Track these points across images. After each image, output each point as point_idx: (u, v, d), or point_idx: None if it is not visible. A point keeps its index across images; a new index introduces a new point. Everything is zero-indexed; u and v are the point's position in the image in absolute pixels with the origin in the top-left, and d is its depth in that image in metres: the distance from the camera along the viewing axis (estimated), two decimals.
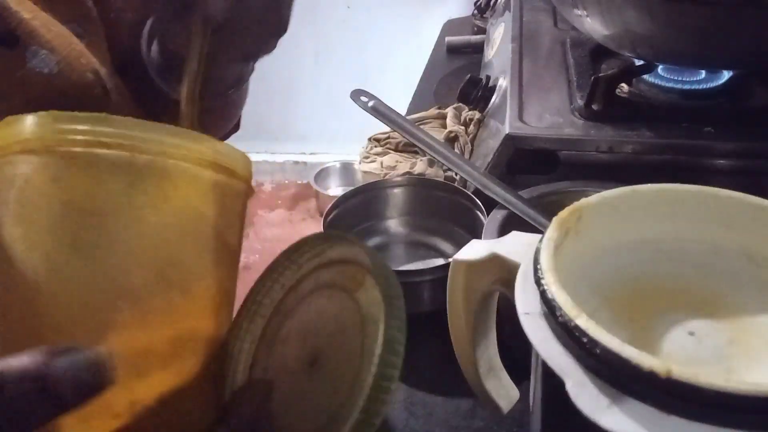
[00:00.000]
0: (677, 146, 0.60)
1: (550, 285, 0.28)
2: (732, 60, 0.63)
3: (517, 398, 0.42)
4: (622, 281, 0.33)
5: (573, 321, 0.26)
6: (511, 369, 0.42)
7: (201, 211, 0.30)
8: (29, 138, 0.27)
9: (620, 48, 0.66)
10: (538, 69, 0.74)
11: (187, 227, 0.29)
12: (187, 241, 0.29)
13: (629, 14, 0.58)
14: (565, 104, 0.66)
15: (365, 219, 0.70)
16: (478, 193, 0.62)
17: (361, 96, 0.66)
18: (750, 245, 0.33)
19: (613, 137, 0.61)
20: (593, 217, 0.33)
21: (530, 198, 0.56)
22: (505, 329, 0.43)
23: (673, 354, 0.29)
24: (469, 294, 0.38)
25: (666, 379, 0.23)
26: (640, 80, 0.68)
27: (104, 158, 0.27)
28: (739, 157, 0.60)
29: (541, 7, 0.89)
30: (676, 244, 0.34)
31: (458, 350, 0.40)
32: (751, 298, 0.32)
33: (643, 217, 0.34)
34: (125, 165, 0.27)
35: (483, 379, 0.41)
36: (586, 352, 0.25)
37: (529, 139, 0.62)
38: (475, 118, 0.77)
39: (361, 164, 0.81)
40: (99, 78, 0.45)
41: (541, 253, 0.30)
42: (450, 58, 1.16)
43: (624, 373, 0.24)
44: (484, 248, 0.36)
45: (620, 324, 0.31)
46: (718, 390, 0.23)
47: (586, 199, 0.33)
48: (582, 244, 0.33)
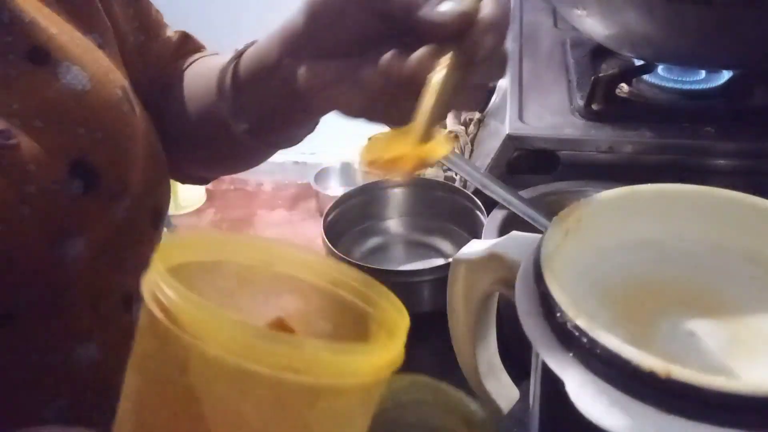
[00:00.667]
0: (677, 146, 0.60)
1: (550, 285, 0.28)
2: (732, 60, 0.63)
3: (517, 398, 0.42)
4: (622, 281, 0.33)
5: (573, 321, 0.26)
6: (511, 369, 0.42)
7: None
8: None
9: (620, 48, 0.66)
10: (538, 69, 0.74)
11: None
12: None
13: (629, 14, 0.58)
14: (565, 104, 0.66)
15: (365, 219, 0.70)
16: (478, 193, 0.62)
17: None
18: (750, 245, 0.33)
19: (613, 137, 0.61)
20: (593, 217, 0.33)
21: (530, 198, 0.56)
22: (505, 329, 0.43)
23: (673, 354, 0.29)
24: (469, 294, 0.38)
25: (666, 380, 0.23)
26: (640, 80, 0.68)
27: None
28: (739, 157, 0.60)
29: (541, 7, 0.89)
30: (676, 244, 0.34)
31: (458, 350, 0.40)
32: (751, 298, 0.32)
33: (643, 217, 0.34)
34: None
35: (483, 379, 0.41)
36: (586, 352, 0.25)
37: (529, 139, 0.62)
38: (475, 118, 0.77)
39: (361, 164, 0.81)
40: (126, 94, 0.45)
41: (541, 253, 0.30)
42: None
43: (624, 373, 0.24)
44: (484, 248, 0.36)
45: (620, 324, 0.31)
46: (718, 390, 0.23)
47: (586, 199, 0.33)
48: (582, 244, 0.33)
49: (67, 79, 0.41)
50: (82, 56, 0.42)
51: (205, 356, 0.24)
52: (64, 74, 0.41)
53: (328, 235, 0.62)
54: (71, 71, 0.41)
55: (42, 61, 0.40)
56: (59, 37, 0.41)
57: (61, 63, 0.41)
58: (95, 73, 0.42)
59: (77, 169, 0.40)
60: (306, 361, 0.25)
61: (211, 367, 0.25)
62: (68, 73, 0.41)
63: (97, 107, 0.42)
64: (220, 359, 0.24)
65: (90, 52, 0.43)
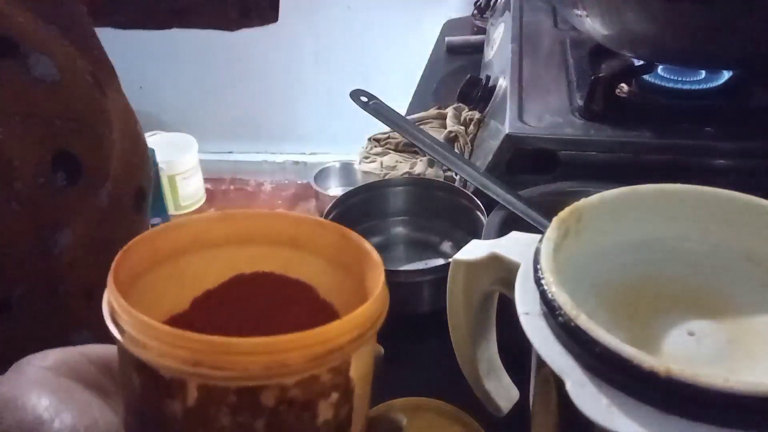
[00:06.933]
0: (677, 146, 0.60)
1: (550, 285, 0.28)
2: (732, 60, 0.63)
3: (517, 398, 0.42)
4: (622, 281, 0.33)
5: (573, 321, 0.26)
6: (511, 369, 0.42)
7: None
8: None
9: (620, 48, 0.66)
10: (538, 69, 0.74)
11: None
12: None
13: (629, 14, 0.58)
14: (564, 104, 0.66)
15: (365, 219, 0.70)
16: (478, 193, 0.62)
17: (361, 96, 0.66)
18: (750, 245, 0.33)
19: (613, 137, 0.61)
20: (593, 217, 0.33)
21: (530, 198, 0.56)
22: (505, 329, 0.43)
23: (673, 354, 0.29)
24: (469, 294, 0.38)
25: (666, 379, 0.23)
26: (640, 80, 0.68)
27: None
28: (739, 157, 0.60)
29: (541, 7, 0.89)
30: (676, 244, 0.34)
31: (458, 350, 0.40)
32: (751, 298, 0.32)
33: (643, 217, 0.34)
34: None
35: (483, 379, 0.41)
36: (586, 352, 0.25)
37: (529, 139, 0.62)
38: (475, 118, 0.77)
39: (361, 164, 0.81)
40: (96, 78, 0.44)
41: (541, 253, 0.30)
42: (450, 58, 1.16)
43: (624, 373, 0.24)
44: (484, 248, 0.36)
45: (620, 324, 0.31)
46: (718, 390, 0.23)
47: (586, 199, 0.33)
48: (582, 244, 0.33)
49: (38, 71, 0.40)
50: (49, 44, 0.42)
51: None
52: (34, 65, 0.40)
53: None
54: (40, 61, 0.40)
55: (11, 53, 0.40)
56: (26, 25, 0.41)
57: (30, 53, 0.40)
58: (64, 62, 0.42)
59: (59, 161, 0.40)
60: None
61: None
62: (38, 64, 0.40)
63: (71, 97, 0.42)
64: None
65: (55, 39, 0.43)
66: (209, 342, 0.24)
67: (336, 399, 0.27)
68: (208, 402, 0.25)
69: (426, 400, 0.49)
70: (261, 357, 0.25)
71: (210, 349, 0.24)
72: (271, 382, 0.25)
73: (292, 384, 0.26)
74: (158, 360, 0.25)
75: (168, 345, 0.24)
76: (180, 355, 0.24)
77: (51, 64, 0.41)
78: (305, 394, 0.26)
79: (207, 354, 0.24)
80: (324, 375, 0.27)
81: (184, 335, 0.24)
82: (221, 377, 0.24)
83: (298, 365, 0.25)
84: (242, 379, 0.25)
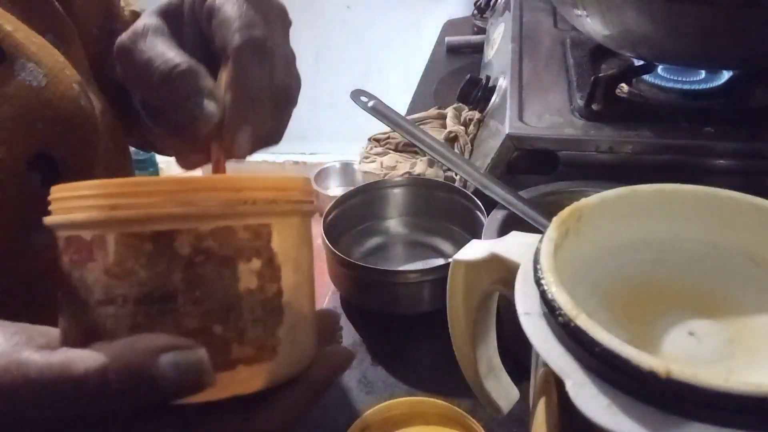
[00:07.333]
0: (677, 146, 0.60)
1: (550, 285, 0.28)
2: (732, 60, 0.63)
3: (517, 398, 0.42)
4: (622, 281, 0.33)
5: (573, 321, 0.26)
6: (511, 369, 0.42)
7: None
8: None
9: (620, 48, 0.66)
10: (538, 69, 0.74)
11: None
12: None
13: (629, 14, 0.58)
14: (565, 104, 0.66)
15: (365, 219, 0.70)
16: (478, 193, 0.62)
17: (361, 96, 0.66)
18: (750, 245, 0.33)
19: (613, 137, 0.61)
20: (593, 217, 0.33)
21: (530, 198, 0.56)
22: (505, 329, 0.43)
23: (673, 354, 0.29)
24: (469, 294, 0.38)
25: (666, 379, 0.23)
26: (640, 80, 0.68)
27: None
28: (739, 157, 0.60)
29: (541, 7, 0.89)
30: (676, 244, 0.34)
31: (458, 350, 0.40)
32: (751, 298, 0.32)
33: (643, 217, 0.34)
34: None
35: (483, 379, 0.41)
36: (586, 352, 0.25)
37: (529, 139, 0.62)
38: (475, 118, 0.77)
39: (361, 164, 0.81)
40: (84, 88, 0.45)
41: (541, 253, 0.30)
42: (450, 58, 1.17)
43: (624, 373, 0.24)
44: (484, 248, 0.36)
45: (620, 324, 0.31)
46: (718, 390, 0.23)
47: (586, 199, 0.33)
48: (582, 244, 0.33)
49: (23, 75, 0.41)
50: (38, 53, 0.43)
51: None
52: (20, 70, 0.41)
53: (328, 235, 0.62)
54: (27, 67, 0.41)
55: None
56: (15, 34, 0.42)
57: (16, 60, 0.41)
58: (51, 69, 0.43)
59: (36, 163, 0.41)
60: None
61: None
62: (24, 70, 0.41)
63: (55, 102, 0.42)
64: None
65: (46, 48, 0.44)
66: (123, 183, 0.27)
67: (258, 267, 0.28)
68: (126, 254, 0.26)
69: (426, 400, 0.49)
70: (172, 195, 0.26)
71: (124, 191, 0.26)
72: (184, 226, 0.26)
73: (207, 232, 0.27)
74: (82, 217, 0.27)
75: (89, 198, 0.27)
76: (99, 204, 0.26)
77: (38, 70, 0.42)
78: (221, 249, 0.27)
79: (122, 197, 0.26)
80: (241, 232, 0.27)
81: (101, 182, 0.27)
82: (135, 218, 0.26)
83: (209, 207, 0.27)
84: (156, 220, 0.26)
